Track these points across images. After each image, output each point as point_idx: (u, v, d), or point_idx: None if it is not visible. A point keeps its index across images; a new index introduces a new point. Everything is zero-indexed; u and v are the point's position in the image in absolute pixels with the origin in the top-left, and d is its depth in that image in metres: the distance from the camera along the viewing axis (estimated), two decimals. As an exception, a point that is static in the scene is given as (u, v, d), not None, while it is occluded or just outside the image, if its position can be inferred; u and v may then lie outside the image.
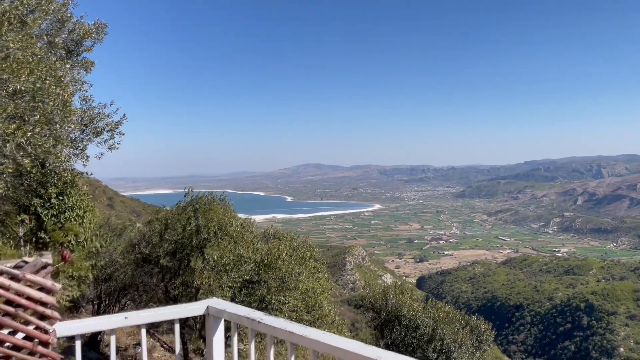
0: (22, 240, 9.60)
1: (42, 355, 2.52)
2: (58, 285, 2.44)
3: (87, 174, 10.11)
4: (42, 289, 2.46)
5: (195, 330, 13.07)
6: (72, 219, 9.27)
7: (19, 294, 2.36)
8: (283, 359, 10.65)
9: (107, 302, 17.77)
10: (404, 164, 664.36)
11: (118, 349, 18.01)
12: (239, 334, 3.49)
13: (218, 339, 3.43)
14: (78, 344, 2.91)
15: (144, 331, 3.12)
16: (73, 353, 2.84)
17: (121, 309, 18.77)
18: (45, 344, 2.51)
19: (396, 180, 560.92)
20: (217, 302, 3.45)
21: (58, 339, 2.52)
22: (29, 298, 2.42)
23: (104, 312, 17.86)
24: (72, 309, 20.30)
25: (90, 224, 9.66)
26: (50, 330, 2.50)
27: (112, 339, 2.97)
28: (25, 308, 2.40)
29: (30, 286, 2.42)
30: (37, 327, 2.46)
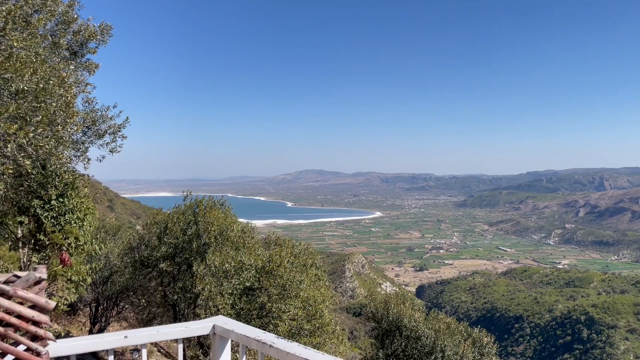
0: (20, 242, 9.48)
1: None
2: (52, 303, 2.28)
3: (88, 176, 10.01)
4: (34, 306, 2.28)
5: (193, 338, 12.91)
6: (72, 222, 9.15)
7: (9, 312, 2.18)
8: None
9: (104, 305, 17.62)
10: (405, 171, 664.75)
11: (115, 353, 17.88)
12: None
13: (225, 361, 3.26)
14: None
15: (144, 351, 2.95)
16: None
17: (119, 313, 18.62)
18: (36, 367, 2.36)
19: (397, 188, 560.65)
20: (224, 321, 3.28)
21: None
22: (20, 316, 2.23)
23: (102, 316, 17.70)
24: (70, 312, 20.16)
25: (90, 226, 9.54)
26: (43, 353, 2.32)
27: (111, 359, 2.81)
28: (16, 328, 2.21)
29: (22, 303, 2.24)
30: (29, 349, 2.27)
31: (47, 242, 8.98)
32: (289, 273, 11.31)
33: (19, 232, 9.36)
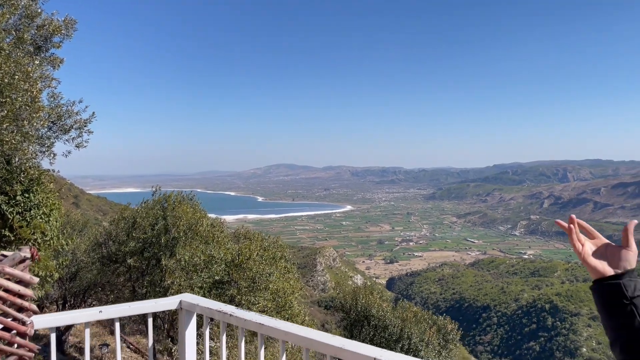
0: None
1: (20, 345, 2.62)
2: (36, 279, 2.54)
3: (53, 171, 9.93)
4: (20, 281, 2.57)
5: (163, 330, 12.98)
6: (39, 217, 9.10)
7: (-2, 286, 2.44)
8: (253, 355, 10.69)
9: (72, 302, 17.43)
10: (375, 165, 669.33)
11: (83, 350, 17.70)
12: (211, 329, 3.63)
13: (190, 333, 3.55)
14: (53, 337, 3.02)
15: (117, 324, 3.23)
16: (48, 345, 2.94)
17: (87, 310, 18.47)
18: (23, 335, 2.62)
19: (368, 182, 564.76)
20: (190, 297, 3.56)
21: (36, 330, 2.65)
22: (7, 290, 2.52)
23: (70, 313, 17.54)
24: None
25: (56, 222, 9.49)
26: (28, 322, 2.60)
27: (87, 332, 3.09)
28: (4, 300, 2.50)
29: (8, 279, 2.52)
30: (15, 319, 2.56)
31: (13, 238, 8.91)
32: (258, 266, 11.50)
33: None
